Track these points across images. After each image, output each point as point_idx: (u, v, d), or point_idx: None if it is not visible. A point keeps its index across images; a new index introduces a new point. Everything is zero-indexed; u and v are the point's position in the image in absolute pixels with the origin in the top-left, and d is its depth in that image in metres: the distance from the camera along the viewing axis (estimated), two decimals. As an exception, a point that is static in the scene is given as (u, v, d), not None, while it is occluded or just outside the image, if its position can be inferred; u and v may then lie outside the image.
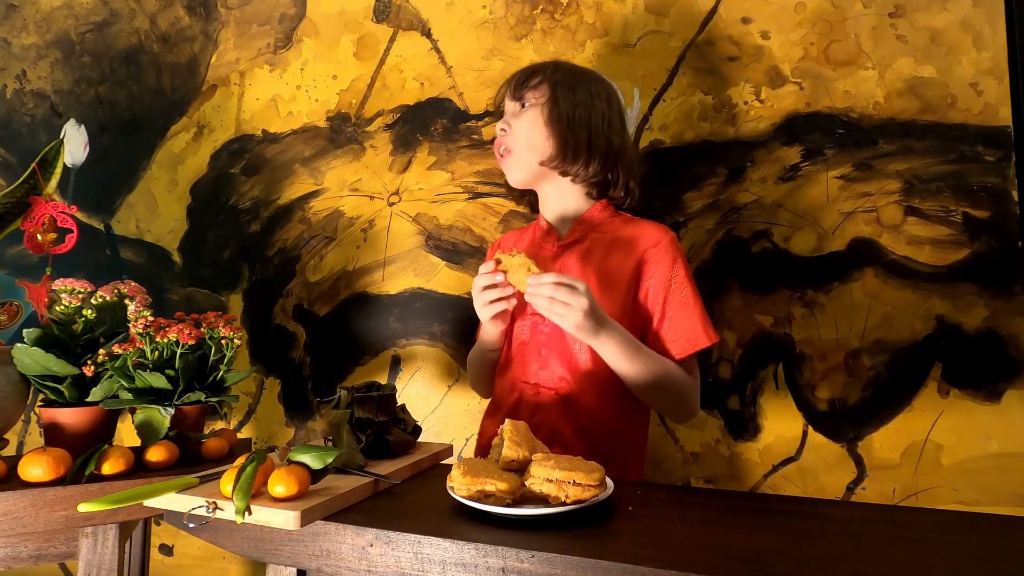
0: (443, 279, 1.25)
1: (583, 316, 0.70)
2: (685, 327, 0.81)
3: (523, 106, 0.89)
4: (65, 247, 0.86)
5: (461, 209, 1.25)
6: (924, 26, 1.00)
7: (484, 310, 0.79)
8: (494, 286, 0.77)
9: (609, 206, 0.90)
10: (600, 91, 0.90)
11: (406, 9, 1.32)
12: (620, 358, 0.76)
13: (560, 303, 0.70)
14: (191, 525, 0.57)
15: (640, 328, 0.83)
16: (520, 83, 0.89)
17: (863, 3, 1.03)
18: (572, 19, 1.20)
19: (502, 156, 0.91)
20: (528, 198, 1.00)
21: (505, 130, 0.89)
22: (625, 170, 0.89)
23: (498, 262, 0.76)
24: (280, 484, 0.55)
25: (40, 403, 0.80)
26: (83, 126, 0.90)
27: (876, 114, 1.01)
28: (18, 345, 0.76)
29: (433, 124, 1.28)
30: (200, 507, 0.55)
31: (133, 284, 0.89)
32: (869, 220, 1.00)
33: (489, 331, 0.88)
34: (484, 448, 0.91)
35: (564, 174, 0.88)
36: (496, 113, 0.96)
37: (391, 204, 1.30)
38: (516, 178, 0.91)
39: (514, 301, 0.79)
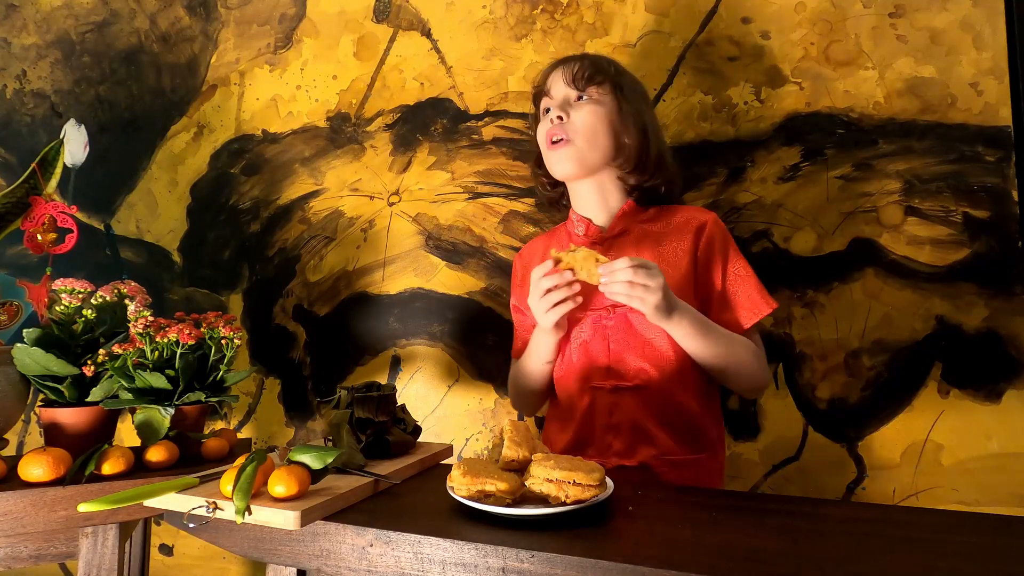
0: (443, 279, 1.25)
1: (662, 296, 0.69)
2: (747, 297, 0.82)
3: (581, 98, 0.87)
4: (65, 247, 0.86)
5: (461, 209, 1.25)
6: (924, 26, 1.00)
7: (550, 314, 0.75)
8: (556, 286, 0.73)
9: (638, 202, 0.91)
10: (647, 98, 0.93)
11: (406, 9, 1.32)
12: (695, 337, 0.76)
13: (640, 286, 0.68)
14: (191, 525, 0.57)
15: (702, 307, 0.83)
16: (584, 76, 0.86)
17: (863, 3, 1.03)
18: (572, 19, 1.20)
19: (554, 144, 0.86)
20: (548, 195, 0.98)
21: (563, 118, 0.86)
22: (675, 177, 0.92)
23: (557, 261, 0.73)
24: (280, 484, 0.55)
25: (40, 403, 0.80)
26: (83, 126, 0.90)
27: (876, 114, 1.01)
28: (18, 345, 0.76)
29: (433, 124, 1.28)
30: (200, 507, 0.55)
31: (133, 284, 0.89)
32: (869, 220, 1.00)
33: (545, 341, 0.85)
34: None
35: (624, 179, 0.89)
36: (535, 98, 0.94)
37: (391, 204, 1.30)
38: (567, 169, 0.87)
39: (580, 299, 0.75)
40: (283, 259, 1.37)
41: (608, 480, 0.58)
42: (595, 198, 0.90)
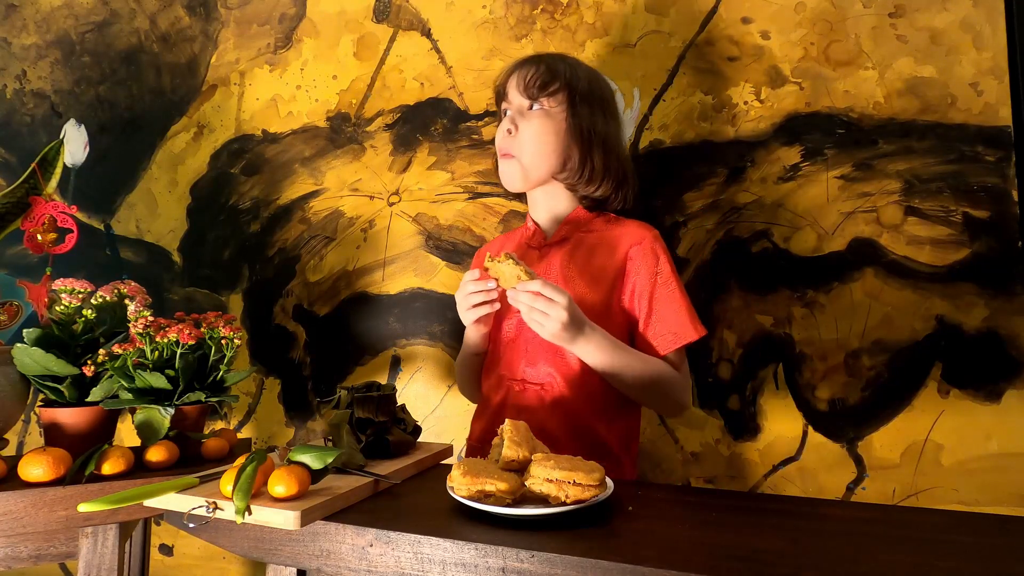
0: (443, 279, 1.25)
1: (560, 327, 0.71)
2: (672, 322, 0.81)
3: (532, 107, 0.86)
4: (65, 247, 0.86)
5: (461, 209, 1.25)
6: (924, 26, 1.00)
7: (468, 313, 0.80)
8: (478, 291, 0.77)
9: (589, 209, 0.90)
10: (611, 106, 0.91)
11: (406, 9, 1.32)
12: (600, 359, 0.77)
13: (538, 312, 0.71)
14: (191, 525, 0.57)
15: (627, 326, 0.84)
16: (537, 84, 0.84)
17: (863, 3, 1.03)
18: (572, 19, 1.20)
19: (504, 158, 0.87)
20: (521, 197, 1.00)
21: (512, 131, 0.85)
22: (627, 186, 0.89)
23: (486, 269, 0.76)
24: (280, 484, 0.55)
25: (40, 403, 0.80)
26: (83, 126, 0.90)
27: (876, 114, 1.01)
28: (18, 345, 0.76)
29: (433, 124, 1.28)
30: (200, 507, 0.55)
31: (133, 284, 0.89)
32: (869, 220, 1.00)
33: (473, 335, 0.89)
34: (473, 449, 0.91)
35: (572, 189, 0.88)
36: (496, 97, 0.93)
37: (391, 204, 1.30)
38: (510, 184, 0.89)
39: (498, 305, 0.79)
40: (283, 259, 1.37)
41: (608, 480, 0.58)
42: (544, 205, 0.92)
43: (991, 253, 0.95)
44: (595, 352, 0.76)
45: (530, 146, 0.85)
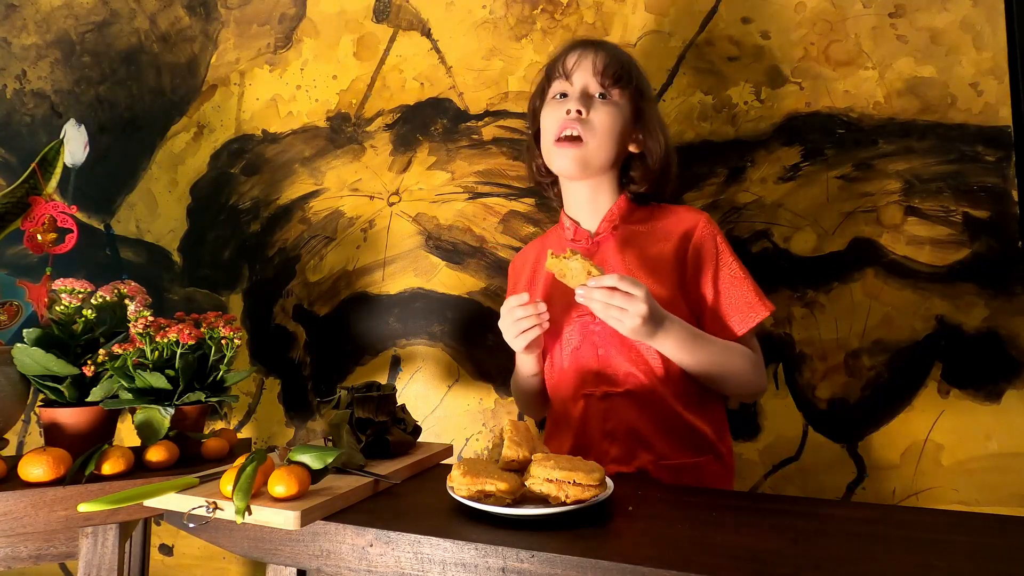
0: (443, 279, 1.25)
1: (641, 321, 0.68)
2: (742, 302, 0.79)
3: (603, 96, 0.83)
4: (65, 247, 0.86)
5: (461, 209, 1.25)
6: (924, 26, 1.00)
7: (518, 340, 0.77)
8: (526, 316, 0.75)
9: (633, 200, 0.89)
10: (655, 99, 0.91)
11: (406, 9, 1.32)
12: (682, 352, 0.74)
13: (616, 308, 0.67)
14: (191, 525, 0.57)
15: (693, 311, 0.81)
16: (612, 74, 0.82)
17: (863, 3, 1.03)
18: (572, 19, 1.20)
19: (564, 140, 0.82)
20: (540, 179, 0.95)
21: (582, 113, 0.81)
22: (672, 178, 0.89)
23: (552, 265, 0.72)
24: (280, 484, 0.55)
25: (40, 403, 0.80)
26: (83, 126, 0.90)
27: (876, 114, 1.01)
28: (18, 345, 0.76)
29: (433, 124, 1.28)
30: (200, 507, 0.55)
31: (133, 284, 0.89)
32: (869, 220, 1.00)
33: (526, 359, 0.85)
34: None
35: (629, 182, 0.87)
36: (547, 75, 0.88)
37: (391, 204, 1.30)
38: (569, 170, 0.84)
39: (547, 325, 0.77)
40: (283, 259, 1.37)
41: (608, 480, 0.58)
42: (586, 200, 0.88)
43: (991, 253, 0.95)
44: (677, 344, 0.73)
45: (601, 133, 0.82)
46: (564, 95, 0.85)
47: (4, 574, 1.24)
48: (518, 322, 0.76)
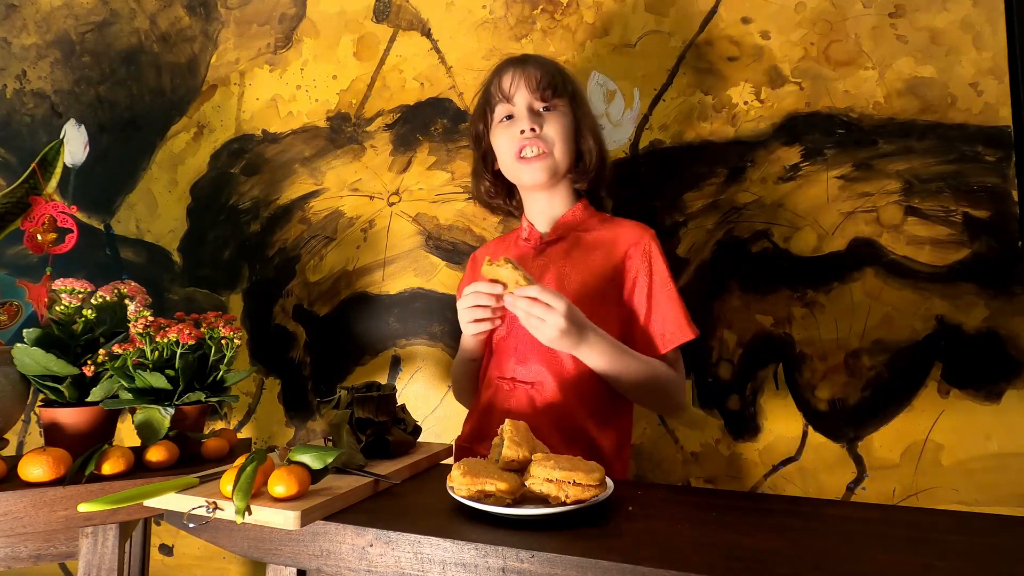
0: (443, 279, 1.25)
1: (558, 333, 0.70)
2: (670, 321, 0.82)
3: (547, 109, 0.88)
4: (65, 247, 0.86)
5: (461, 209, 1.25)
6: (924, 26, 1.00)
7: (470, 326, 0.79)
8: (482, 306, 0.77)
9: (589, 207, 0.94)
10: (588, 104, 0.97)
11: (406, 9, 1.32)
12: (601, 363, 0.77)
13: (535, 318, 0.70)
14: (191, 525, 0.57)
15: (620, 325, 0.84)
16: (549, 86, 0.87)
17: (863, 3, 1.03)
18: (572, 19, 1.20)
19: (531, 158, 0.87)
20: (500, 201, 1.00)
21: (535, 130, 0.87)
22: (606, 177, 0.95)
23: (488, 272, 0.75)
24: (280, 484, 0.55)
25: (40, 403, 0.80)
26: (83, 126, 0.90)
27: (876, 114, 1.01)
28: (18, 345, 0.76)
29: (433, 124, 1.28)
30: (200, 507, 0.55)
31: (133, 284, 0.89)
32: (869, 220, 1.00)
33: (470, 341, 0.89)
34: (462, 450, 0.89)
35: (577, 182, 0.93)
36: (485, 101, 0.92)
37: (391, 204, 1.30)
38: (541, 180, 0.88)
39: (499, 321, 0.79)
40: (283, 259, 1.37)
41: (608, 480, 0.58)
42: (543, 205, 0.93)
43: (991, 253, 0.95)
44: (597, 356, 0.76)
45: (559, 141, 0.87)
46: (510, 117, 0.89)
47: (4, 574, 1.24)
48: (474, 309, 0.77)
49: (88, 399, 0.79)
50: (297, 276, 1.35)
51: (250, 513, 0.53)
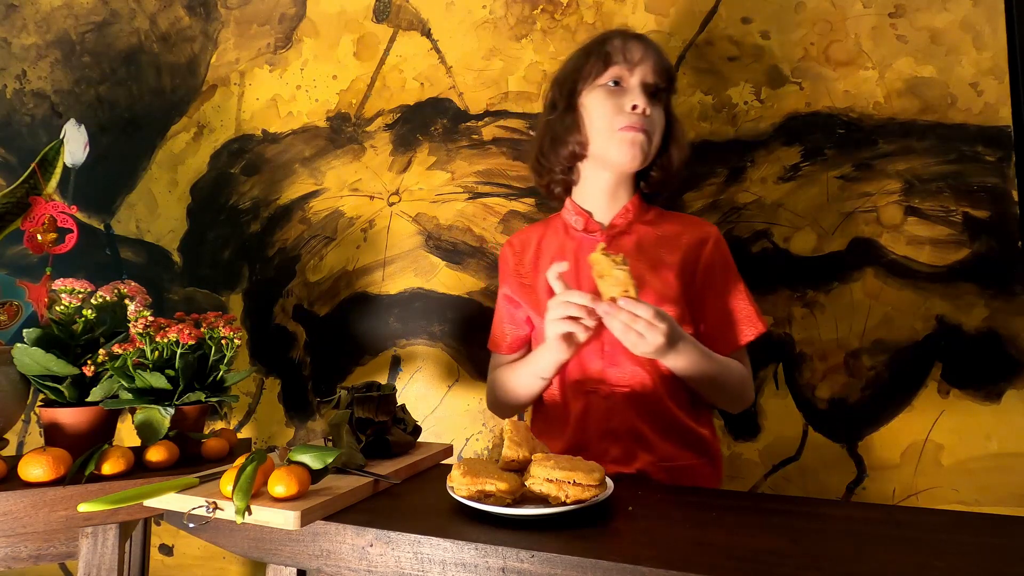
0: (443, 279, 1.25)
1: (654, 349, 0.67)
2: (745, 316, 0.83)
3: (655, 95, 0.84)
4: (65, 247, 0.86)
5: (461, 209, 1.25)
6: (924, 26, 1.00)
7: (559, 324, 0.69)
8: (579, 318, 0.69)
9: (644, 200, 0.90)
10: None
11: (406, 9, 1.32)
12: (688, 370, 0.75)
13: (635, 333, 0.66)
14: (191, 525, 0.57)
15: (695, 321, 0.83)
16: (665, 76, 0.83)
17: (863, 3, 1.03)
18: (572, 19, 1.20)
19: (634, 129, 0.81)
20: (558, 178, 0.90)
21: (648, 113, 0.81)
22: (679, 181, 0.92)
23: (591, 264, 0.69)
24: (280, 484, 0.55)
25: (40, 403, 0.80)
26: (83, 126, 0.90)
27: (876, 114, 1.01)
28: (18, 345, 0.76)
29: (433, 124, 1.28)
30: (200, 507, 0.55)
31: (133, 284, 0.89)
32: (869, 220, 1.00)
33: (550, 360, 0.76)
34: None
35: (655, 180, 0.89)
36: (602, 60, 0.83)
37: (391, 204, 1.30)
38: (637, 161, 0.82)
39: (591, 331, 0.70)
40: (283, 259, 1.37)
41: (608, 480, 0.58)
42: (608, 192, 0.87)
43: (991, 253, 0.95)
44: (685, 363, 0.73)
45: (657, 132, 0.84)
46: (618, 83, 0.83)
47: (4, 574, 1.24)
48: (567, 306, 0.68)
49: (88, 399, 0.78)
50: (297, 276, 1.35)
51: (250, 513, 0.53)
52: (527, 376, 0.82)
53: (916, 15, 1.00)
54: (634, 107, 0.80)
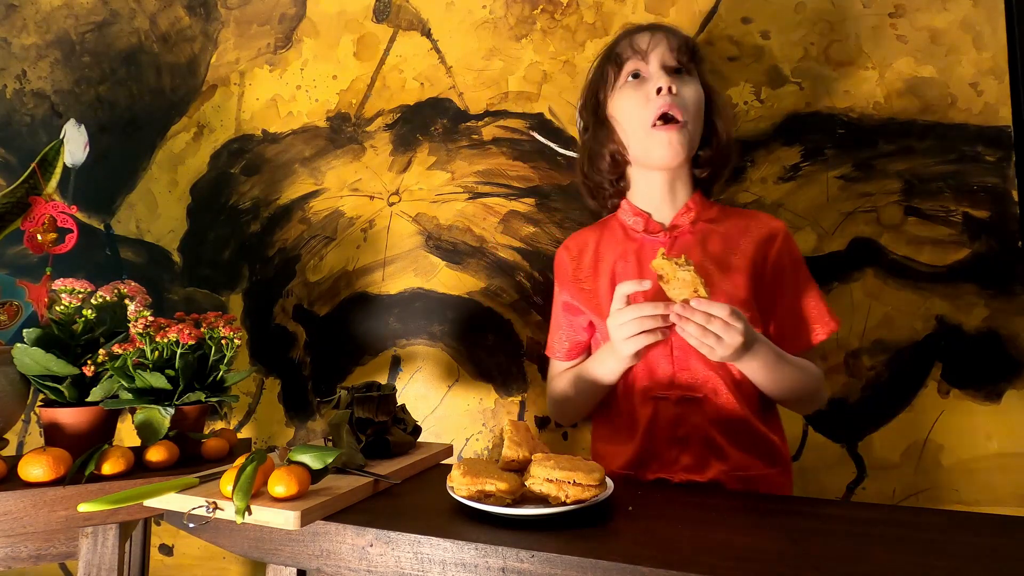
0: (443, 279, 1.25)
1: (731, 353, 0.65)
2: (816, 314, 0.79)
3: (680, 72, 0.79)
4: (65, 247, 0.86)
5: (461, 209, 1.25)
6: (924, 26, 1.00)
7: (630, 342, 0.67)
8: (649, 318, 0.66)
9: (704, 196, 0.86)
10: None
11: (406, 9, 1.32)
12: (763, 374, 0.72)
13: (713, 336, 0.64)
14: (191, 525, 0.57)
15: (764, 315, 0.79)
16: (685, 50, 0.79)
17: (863, 3, 1.03)
18: (572, 19, 1.20)
19: (670, 124, 0.76)
20: (610, 182, 0.86)
21: (674, 91, 0.76)
22: (731, 162, 0.87)
23: (660, 273, 0.66)
24: (280, 484, 0.55)
25: (40, 403, 0.80)
26: (83, 126, 0.90)
27: (876, 114, 1.01)
28: (18, 345, 0.76)
29: (433, 124, 1.28)
30: (200, 507, 0.55)
31: (133, 284, 0.89)
32: (869, 220, 1.00)
33: (615, 366, 0.75)
34: (628, 478, 0.78)
35: (701, 167, 0.84)
36: (614, 61, 0.82)
37: (391, 204, 1.30)
38: (677, 156, 0.78)
39: (665, 334, 0.68)
40: (283, 259, 1.37)
41: (608, 480, 0.58)
42: (664, 190, 0.83)
43: (991, 253, 0.95)
44: (761, 366, 0.71)
45: (694, 110, 0.78)
46: (637, 75, 0.80)
47: (4, 574, 1.24)
48: (641, 320, 0.66)
49: (88, 399, 0.79)
50: (297, 276, 1.35)
51: (250, 513, 0.53)
52: (590, 383, 0.81)
53: (916, 15, 1.00)
54: (659, 90, 0.77)
